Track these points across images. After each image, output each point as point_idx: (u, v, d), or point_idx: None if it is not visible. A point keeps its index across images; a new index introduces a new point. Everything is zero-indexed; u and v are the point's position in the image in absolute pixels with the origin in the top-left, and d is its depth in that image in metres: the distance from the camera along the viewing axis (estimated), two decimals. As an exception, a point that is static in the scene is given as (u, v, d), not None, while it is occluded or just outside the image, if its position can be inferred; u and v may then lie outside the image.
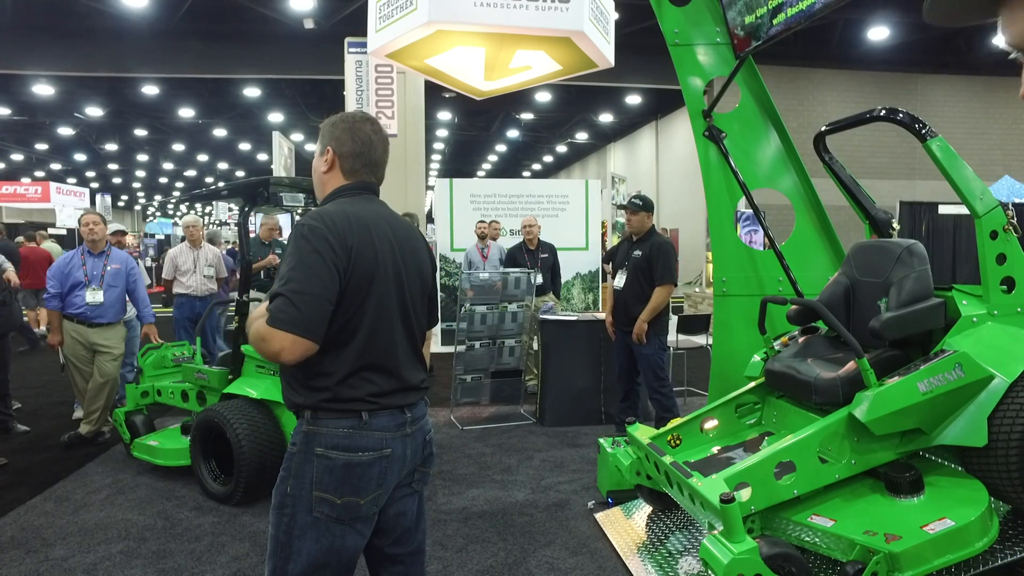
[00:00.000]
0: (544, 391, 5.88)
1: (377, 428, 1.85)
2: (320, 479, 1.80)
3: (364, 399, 1.83)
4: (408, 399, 1.93)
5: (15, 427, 5.57)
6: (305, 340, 1.70)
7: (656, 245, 4.81)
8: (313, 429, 1.82)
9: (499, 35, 4.31)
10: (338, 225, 1.80)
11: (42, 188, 21.21)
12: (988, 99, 17.69)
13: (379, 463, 1.85)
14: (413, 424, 1.95)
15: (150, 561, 3.33)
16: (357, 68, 11.81)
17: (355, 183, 1.97)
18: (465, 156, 32.36)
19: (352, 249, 1.80)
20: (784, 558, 2.51)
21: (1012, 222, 3.15)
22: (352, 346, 1.81)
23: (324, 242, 1.76)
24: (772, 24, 3.78)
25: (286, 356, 1.71)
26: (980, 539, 2.62)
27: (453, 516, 3.85)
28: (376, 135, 2.00)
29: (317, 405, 1.82)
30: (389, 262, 1.89)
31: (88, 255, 5.13)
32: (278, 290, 1.74)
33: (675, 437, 3.51)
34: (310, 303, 1.71)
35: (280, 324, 1.69)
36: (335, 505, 1.80)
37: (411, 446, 1.94)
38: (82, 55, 15.05)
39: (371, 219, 1.89)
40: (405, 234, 1.99)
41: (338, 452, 1.81)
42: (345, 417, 1.82)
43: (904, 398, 2.82)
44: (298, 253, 1.77)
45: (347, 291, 1.79)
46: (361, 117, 2.00)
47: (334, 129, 1.98)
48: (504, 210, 10.12)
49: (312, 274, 1.73)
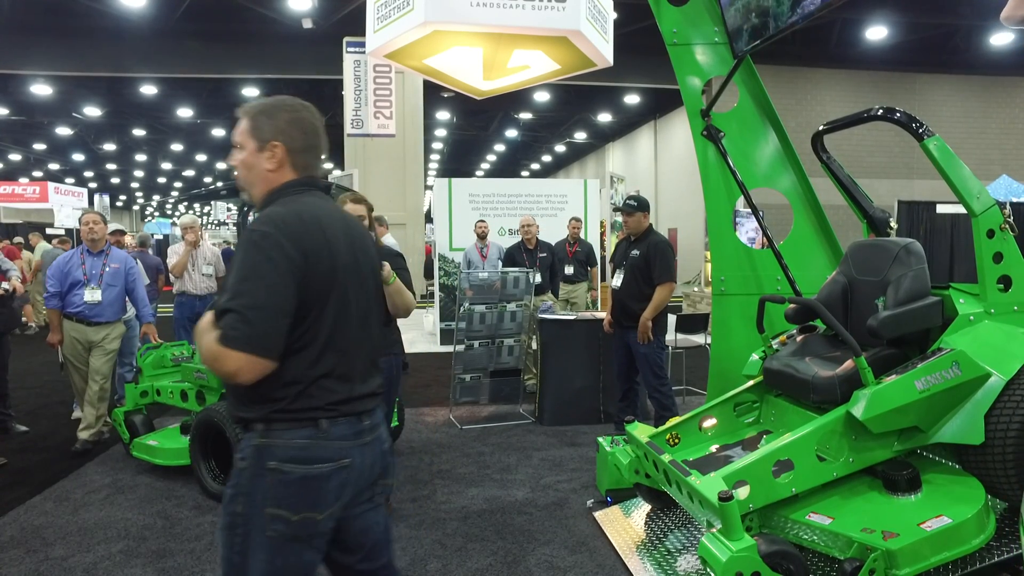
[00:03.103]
0: (543, 390, 5.89)
1: (336, 437, 1.71)
2: (274, 495, 1.66)
3: (323, 408, 1.69)
4: (365, 405, 1.80)
5: (14, 427, 5.57)
6: (262, 359, 1.57)
7: (653, 244, 4.82)
8: (265, 442, 1.67)
9: (496, 35, 4.32)
10: (292, 229, 1.65)
11: (40, 188, 21.18)
12: (986, 98, 17.73)
13: (338, 474, 1.72)
14: (371, 432, 1.82)
15: (150, 560, 3.33)
16: (355, 68, 11.82)
17: (301, 178, 1.80)
18: (464, 156, 32.37)
19: (308, 253, 1.65)
20: (782, 556, 2.52)
21: (1009, 221, 3.17)
22: (308, 355, 1.67)
23: (278, 249, 1.60)
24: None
25: (243, 377, 1.57)
26: (977, 536, 2.63)
27: (452, 515, 3.86)
28: (319, 122, 1.84)
29: (269, 417, 1.67)
30: (345, 263, 1.75)
31: (87, 254, 5.13)
32: (228, 305, 1.57)
33: (674, 436, 3.52)
34: (265, 319, 1.56)
35: (234, 343, 1.54)
36: (290, 522, 1.66)
37: (370, 455, 1.81)
38: (80, 55, 15.06)
39: (321, 217, 1.74)
40: (357, 231, 1.86)
41: (293, 465, 1.66)
42: (301, 427, 1.67)
43: (901, 396, 2.83)
44: (249, 262, 1.61)
45: (305, 299, 1.65)
46: (300, 105, 1.82)
47: (275, 121, 1.78)
48: (503, 210, 10.14)
49: (266, 286, 1.58)
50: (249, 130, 1.79)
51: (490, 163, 33.85)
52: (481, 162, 33.98)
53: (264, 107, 1.80)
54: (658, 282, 4.75)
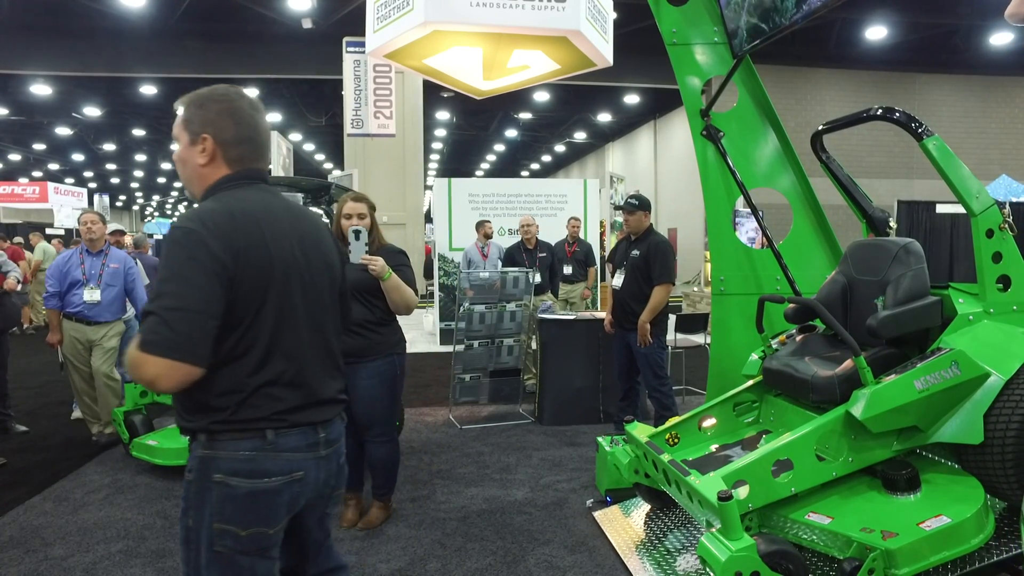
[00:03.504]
0: (543, 390, 5.89)
1: (285, 449, 1.61)
2: (220, 510, 1.57)
3: (268, 417, 1.58)
4: (322, 415, 1.69)
5: (14, 427, 5.58)
6: (184, 365, 1.45)
7: (654, 244, 4.82)
8: (209, 453, 1.58)
9: (496, 35, 4.32)
10: (219, 225, 1.54)
11: (40, 188, 21.21)
12: (986, 98, 17.74)
13: (289, 488, 1.61)
14: (328, 445, 1.70)
15: (149, 560, 3.33)
16: (355, 68, 11.82)
17: (240, 172, 1.68)
18: (463, 156, 32.38)
19: (239, 252, 1.54)
20: (781, 555, 2.52)
21: (1008, 221, 3.17)
22: (249, 361, 1.56)
23: (202, 248, 1.50)
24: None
25: (163, 384, 1.47)
26: (976, 536, 2.63)
27: (452, 515, 3.86)
28: (256, 112, 1.71)
29: (211, 428, 1.57)
30: (289, 261, 1.64)
31: (87, 254, 5.15)
32: (149, 307, 1.48)
33: (673, 435, 3.52)
34: (187, 321, 1.46)
35: (152, 348, 1.44)
36: (239, 538, 1.57)
37: (325, 469, 1.70)
38: (80, 55, 15.06)
39: (262, 213, 1.63)
40: (308, 225, 1.75)
41: (239, 479, 1.56)
42: (246, 438, 1.57)
43: (901, 396, 2.83)
44: (171, 262, 1.50)
45: (237, 301, 1.54)
46: (236, 94, 1.69)
47: (204, 112, 1.66)
48: (502, 210, 10.14)
49: (189, 287, 1.47)
50: (182, 122, 1.68)
51: (490, 163, 33.85)
52: (481, 162, 33.99)
53: (196, 97, 1.69)
54: (657, 282, 4.75)
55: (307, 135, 25.57)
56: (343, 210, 3.48)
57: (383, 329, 3.47)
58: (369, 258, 3.24)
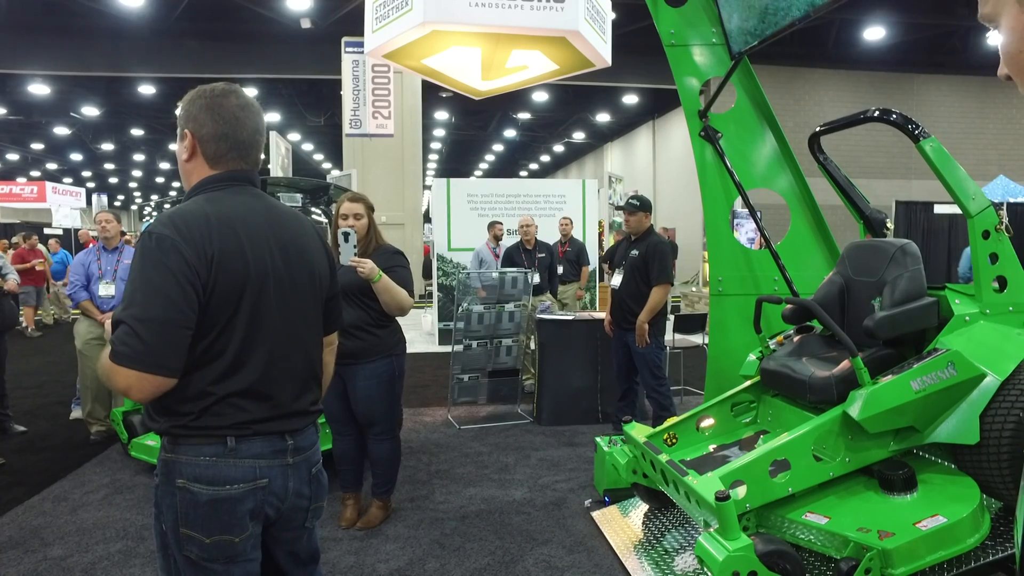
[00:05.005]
0: (541, 390, 5.89)
1: (247, 455, 1.55)
2: (184, 516, 1.53)
3: (230, 427, 1.54)
4: (290, 425, 1.63)
5: (12, 427, 5.58)
6: (154, 376, 1.42)
7: (653, 245, 4.83)
8: (172, 457, 1.54)
9: (495, 35, 4.33)
10: (193, 230, 1.48)
11: (38, 188, 21.16)
12: (983, 99, 17.76)
13: (253, 496, 1.56)
14: (296, 453, 1.64)
15: (148, 560, 3.33)
16: (354, 68, 11.83)
17: (222, 173, 1.63)
18: (462, 156, 32.38)
19: (213, 259, 1.48)
20: (779, 555, 2.53)
21: (1004, 222, 3.19)
22: (216, 369, 1.52)
23: (175, 254, 1.44)
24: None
25: (135, 395, 1.44)
26: (972, 535, 2.64)
27: (450, 515, 3.87)
28: (243, 111, 1.63)
29: (173, 431, 1.53)
30: (267, 268, 1.58)
31: (103, 251, 5.46)
32: (120, 315, 1.44)
33: (671, 436, 3.53)
34: (158, 332, 1.41)
35: (122, 360, 1.40)
36: (204, 545, 1.53)
37: (294, 478, 1.64)
38: (78, 54, 15.05)
39: (239, 217, 1.56)
40: (292, 231, 1.68)
41: (201, 485, 1.52)
42: (207, 443, 1.53)
43: (897, 396, 2.84)
44: (142, 269, 1.45)
45: (208, 309, 1.49)
46: (223, 90, 1.64)
47: (190, 107, 1.62)
48: (501, 210, 10.14)
49: (160, 295, 1.42)
50: (179, 118, 1.66)
51: (488, 163, 33.85)
52: (479, 162, 33.99)
53: (192, 92, 1.66)
54: (655, 283, 4.76)
55: (306, 135, 25.56)
56: (340, 210, 3.49)
57: (380, 331, 3.47)
58: (358, 260, 3.23)
